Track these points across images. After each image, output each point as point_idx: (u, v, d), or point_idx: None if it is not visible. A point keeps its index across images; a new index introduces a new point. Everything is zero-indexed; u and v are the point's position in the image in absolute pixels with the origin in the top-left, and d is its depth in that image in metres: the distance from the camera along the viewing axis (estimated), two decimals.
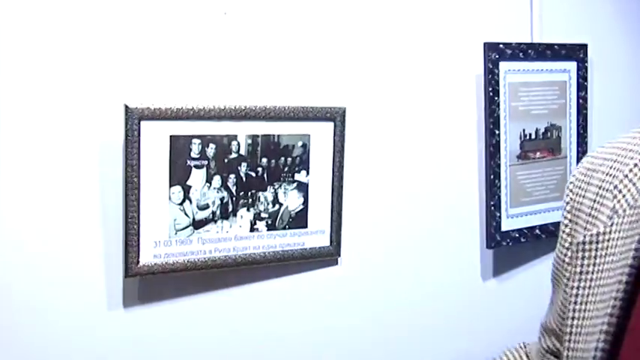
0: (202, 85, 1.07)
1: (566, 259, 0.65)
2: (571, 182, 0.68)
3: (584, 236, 0.62)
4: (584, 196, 0.65)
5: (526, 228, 1.29)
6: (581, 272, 0.62)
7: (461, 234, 1.29)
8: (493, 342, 1.12)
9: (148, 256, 1.05)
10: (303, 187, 1.16)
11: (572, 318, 0.61)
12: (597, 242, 0.60)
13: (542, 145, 1.30)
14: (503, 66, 1.24)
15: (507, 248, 1.29)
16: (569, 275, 0.64)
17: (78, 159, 1.00)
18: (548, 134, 1.30)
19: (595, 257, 0.60)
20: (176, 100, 1.03)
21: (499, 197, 1.26)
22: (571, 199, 0.67)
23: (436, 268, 1.28)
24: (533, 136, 1.29)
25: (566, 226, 0.66)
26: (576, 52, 1.28)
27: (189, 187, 1.08)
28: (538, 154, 1.29)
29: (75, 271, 1.01)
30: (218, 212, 1.10)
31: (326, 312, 1.20)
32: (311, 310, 1.19)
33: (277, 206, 1.15)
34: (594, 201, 0.63)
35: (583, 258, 0.62)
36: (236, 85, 1.09)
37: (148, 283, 1.06)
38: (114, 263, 1.03)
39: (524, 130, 1.28)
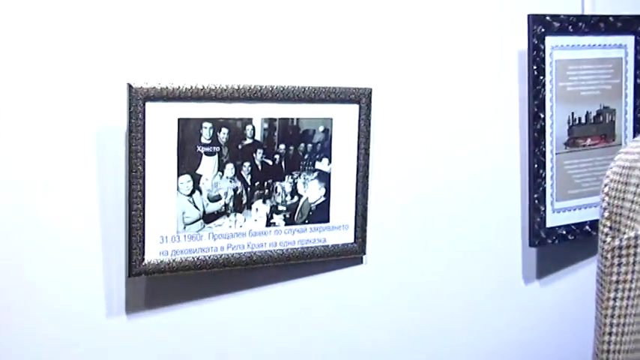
0: (214, 63, 1.07)
1: (604, 269, 0.63)
2: (606, 185, 0.65)
3: (621, 240, 0.60)
4: (623, 198, 0.63)
5: (574, 224, 1.28)
6: (617, 281, 0.60)
7: (500, 230, 1.29)
8: (534, 351, 1.13)
9: (153, 253, 1.05)
10: (324, 177, 1.16)
11: (610, 334, 0.59)
12: (636, 246, 0.59)
13: (594, 130, 1.28)
14: (550, 41, 1.22)
15: (553, 247, 1.29)
16: (605, 285, 0.62)
17: (75, 145, 1.00)
18: (601, 118, 1.28)
19: (634, 263, 0.59)
20: (185, 79, 1.03)
21: (544, 189, 1.25)
22: (609, 203, 0.64)
23: (473, 269, 1.28)
24: (583, 121, 1.27)
25: (607, 235, 0.64)
26: (634, 25, 1.26)
27: (200, 176, 1.08)
28: (589, 141, 1.28)
29: (71, 270, 1.00)
30: (231, 204, 1.10)
31: (350, 316, 1.20)
32: (333, 315, 1.19)
33: (296, 198, 1.15)
34: (632, 202, 0.61)
35: (620, 265, 0.60)
36: (251, 63, 1.09)
37: (154, 284, 1.06)
38: (115, 261, 1.03)
39: (572, 114, 1.27)
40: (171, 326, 1.09)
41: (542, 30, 1.20)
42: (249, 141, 1.11)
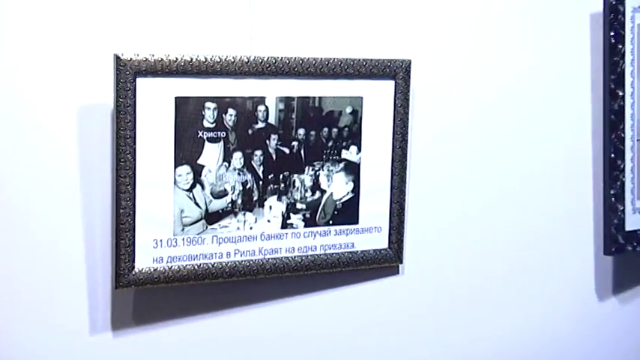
0: (219, 30, 1.06)
1: None
2: None
3: None
4: None
5: None
6: None
7: (568, 235, 1.26)
8: None
9: (145, 260, 1.05)
10: (352, 169, 1.15)
11: None
12: None
13: None
14: (631, 1, 1.18)
15: (632, 254, 1.25)
16: None
17: (51, 128, 0.99)
18: None
19: None
20: (184, 50, 1.02)
21: (622, 184, 1.21)
22: None
23: (534, 282, 1.25)
24: None
25: None
26: None
27: (201, 167, 1.07)
28: None
29: (48, 280, 1.00)
30: (239, 202, 1.09)
31: (383, 336, 1.18)
32: (363, 334, 1.18)
33: (318, 194, 1.14)
34: None
35: None
36: (264, 31, 1.08)
37: (146, 296, 1.06)
38: (100, 269, 1.03)
39: None
40: (166, 347, 1.08)
41: None
42: (261, 125, 1.09)
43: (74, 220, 1.02)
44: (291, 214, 1.14)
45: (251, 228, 1.11)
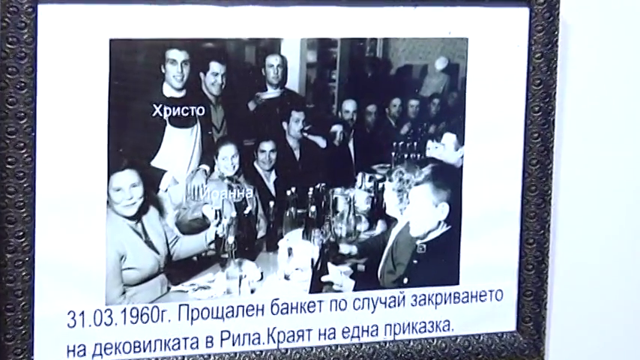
0: None
1: None
2: None
3: None
4: None
5: None
6: None
7: None
8: None
9: (54, 352, 0.99)
10: (447, 178, 1.11)
11: None
12: None
13: None
14: None
15: None
16: None
17: None
18: None
19: None
20: None
21: None
22: None
23: None
24: None
25: None
26: None
27: (160, 173, 1.03)
28: None
29: None
30: (230, 240, 1.05)
31: None
32: None
33: (382, 226, 1.09)
34: None
35: None
36: None
37: None
38: None
39: None
40: None
41: None
42: (272, 93, 1.04)
43: None
44: (330, 265, 1.08)
45: (253, 291, 1.06)
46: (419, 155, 1.09)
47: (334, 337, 1.08)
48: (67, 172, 1.00)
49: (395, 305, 1.10)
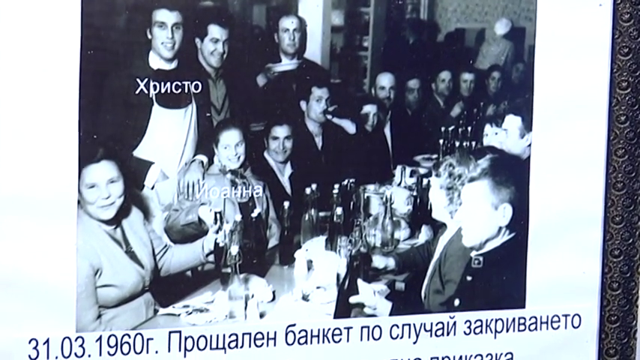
0: None
1: None
2: None
3: None
4: None
5: None
6: None
7: None
8: None
9: None
10: (509, 172, 1.04)
11: None
12: None
13: None
14: None
15: None
16: None
17: None
18: None
19: None
20: None
21: None
22: None
23: None
24: None
25: None
26: None
27: (145, 166, 0.99)
28: None
29: None
30: (234, 250, 0.98)
31: None
32: None
33: (427, 233, 1.04)
34: None
35: None
36: None
37: None
38: None
39: None
40: None
41: None
42: (287, 64, 0.99)
43: None
44: (361, 282, 1.01)
45: (262, 315, 0.99)
46: (474, 143, 1.01)
47: None
48: (28, 166, 0.95)
49: (443, 334, 1.04)
